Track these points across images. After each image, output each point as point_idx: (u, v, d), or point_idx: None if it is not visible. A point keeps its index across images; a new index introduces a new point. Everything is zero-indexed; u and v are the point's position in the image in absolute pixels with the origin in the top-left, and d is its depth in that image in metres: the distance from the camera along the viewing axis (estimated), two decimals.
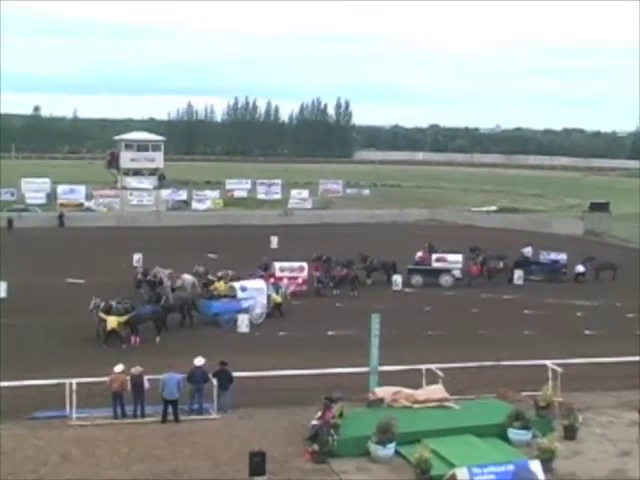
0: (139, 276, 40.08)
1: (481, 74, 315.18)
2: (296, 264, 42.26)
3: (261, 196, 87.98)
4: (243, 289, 36.12)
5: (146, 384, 22.01)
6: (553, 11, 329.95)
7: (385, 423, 19.53)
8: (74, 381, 21.82)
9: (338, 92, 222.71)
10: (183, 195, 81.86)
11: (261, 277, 39.73)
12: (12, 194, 79.30)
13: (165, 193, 79.54)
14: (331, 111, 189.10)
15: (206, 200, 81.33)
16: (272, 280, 39.35)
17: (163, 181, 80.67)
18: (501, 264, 46.24)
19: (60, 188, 79.30)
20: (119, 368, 22.26)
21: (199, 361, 22.67)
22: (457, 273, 45.09)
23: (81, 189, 79.54)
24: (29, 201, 77.20)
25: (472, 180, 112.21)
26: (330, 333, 33.45)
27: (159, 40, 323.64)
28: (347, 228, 65.98)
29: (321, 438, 19.45)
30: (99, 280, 41.58)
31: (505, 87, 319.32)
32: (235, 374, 22.89)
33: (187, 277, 39.51)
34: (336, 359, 27.06)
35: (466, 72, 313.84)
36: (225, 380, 22.71)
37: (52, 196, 78.55)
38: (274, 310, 36.61)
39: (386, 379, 23.44)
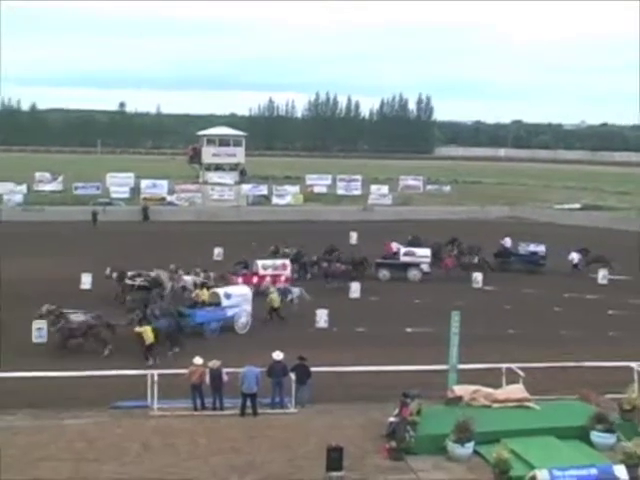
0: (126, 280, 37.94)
1: (565, 69, 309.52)
2: (279, 261, 41.48)
3: (341, 192, 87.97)
4: (227, 296, 33.46)
5: (225, 377, 22.24)
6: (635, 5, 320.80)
7: (463, 422, 19.32)
8: (155, 372, 22.27)
9: (419, 88, 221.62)
10: (263, 190, 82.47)
11: (244, 275, 39.30)
12: (97, 188, 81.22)
13: (246, 188, 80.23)
14: (412, 106, 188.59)
15: (286, 195, 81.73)
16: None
17: (244, 176, 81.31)
18: (476, 259, 46.00)
19: (143, 182, 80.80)
20: (198, 361, 22.53)
21: (278, 355, 22.79)
22: (425, 267, 44.71)
23: (164, 184, 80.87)
24: (114, 195, 78.89)
25: (555, 177, 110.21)
26: (409, 330, 33.25)
27: (241, 36, 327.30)
28: (426, 225, 65.41)
29: (398, 435, 19.37)
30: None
31: (591, 82, 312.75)
32: (313, 369, 22.98)
33: (188, 279, 37.84)
34: (414, 356, 26.95)
35: (549, 67, 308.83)
36: (303, 375, 22.80)
37: (136, 190, 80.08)
38: (270, 314, 34.30)
39: (465, 377, 23.20)
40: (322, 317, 33.76)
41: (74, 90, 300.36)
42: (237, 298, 33.56)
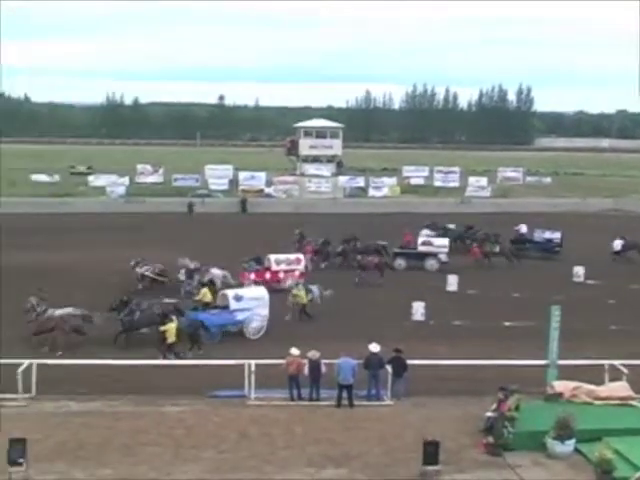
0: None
1: None
2: (292, 256, 40.05)
3: (438, 183, 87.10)
4: (237, 298, 30.57)
5: (323, 368, 22.33)
6: None
7: (564, 418, 18.91)
8: (253, 362, 22.51)
9: (518, 78, 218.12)
10: (360, 182, 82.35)
11: (257, 272, 38.12)
12: (197, 180, 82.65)
13: (342, 180, 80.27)
14: (511, 97, 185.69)
15: (383, 187, 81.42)
16: (300, 278, 36.97)
17: (341, 168, 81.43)
18: (497, 248, 46.09)
19: (242, 175, 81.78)
20: (295, 351, 22.68)
21: (374, 347, 22.75)
22: (443, 257, 44.24)
23: (261, 176, 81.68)
24: (212, 187, 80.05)
25: None
26: (507, 324, 32.71)
27: (338, 28, 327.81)
28: (524, 217, 64.05)
29: (496, 430, 19.11)
30: None
31: None
32: (409, 362, 22.85)
33: (216, 271, 37.02)
34: (512, 350, 26.55)
35: None
36: (399, 367, 22.73)
37: (234, 182, 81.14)
38: (300, 313, 32.72)
39: (565, 373, 22.71)
40: (418, 310, 33.48)
41: (175, 84, 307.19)
42: (250, 301, 30.65)
